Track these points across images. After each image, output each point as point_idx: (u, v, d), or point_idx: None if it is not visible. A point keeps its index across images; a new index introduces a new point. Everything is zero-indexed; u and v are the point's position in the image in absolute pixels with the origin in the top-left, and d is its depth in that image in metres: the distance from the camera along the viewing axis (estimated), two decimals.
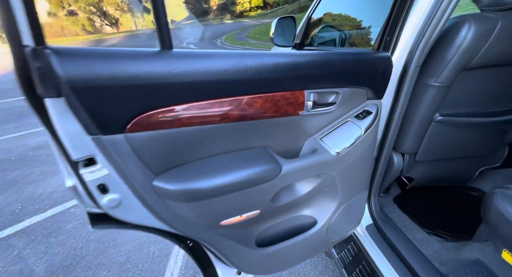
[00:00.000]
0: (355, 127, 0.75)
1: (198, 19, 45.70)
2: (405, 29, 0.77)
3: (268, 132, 0.67)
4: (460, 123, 0.97)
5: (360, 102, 0.77)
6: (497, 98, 0.97)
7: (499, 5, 0.79)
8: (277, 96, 0.61)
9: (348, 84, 0.71)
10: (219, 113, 0.57)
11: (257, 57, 0.56)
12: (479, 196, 1.26)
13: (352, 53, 0.71)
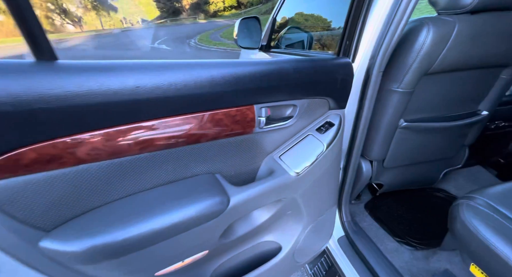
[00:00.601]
0: (316, 142, 0.67)
1: (170, 19, 44.12)
2: (365, 34, 0.73)
3: (215, 155, 0.57)
4: (424, 128, 0.95)
5: (321, 113, 0.70)
6: (457, 102, 0.96)
7: (455, 9, 0.77)
8: (219, 114, 0.51)
9: (306, 95, 0.63)
10: (136, 142, 0.45)
11: (186, 69, 0.45)
12: (444, 197, 1.28)
13: (309, 60, 0.63)
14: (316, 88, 0.63)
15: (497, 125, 1.19)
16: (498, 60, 0.85)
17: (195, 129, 0.49)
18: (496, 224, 0.61)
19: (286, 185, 0.63)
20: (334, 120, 0.70)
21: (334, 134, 0.68)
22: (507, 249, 0.56)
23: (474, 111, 1.02)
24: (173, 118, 0.46)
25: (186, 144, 0.50)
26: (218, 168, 0.59)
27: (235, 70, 0.49)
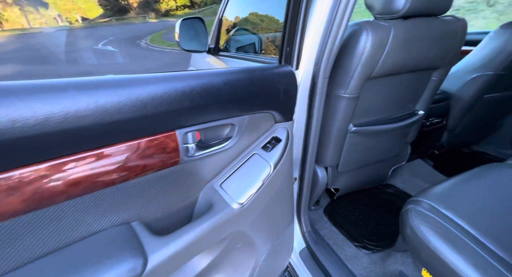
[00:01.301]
0: (262, 163, 0.59)
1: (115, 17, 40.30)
2: (307, 39, 0.68)
3: (135, 198, 0.44)
4: (372, 131, 0.97)
5: (266, 128, 0.63)
6: (398, 104, 1.00)
7: (389, 14, 0.78)
8: (122, 149, 0.39)
9: (245, 111, 0.55)
10: (17, 195, 0.31)
11: (74, 93, 0.32)
12: (394, 192, 1.35)
13: (246, 71, 0.55)
14: (256, 102, 0.56)
15: (431, 122, 1.30)
16: (429, 64, 0.90)
17: (92, 172, 0.36)
18: (443, 230, 0.62)
19: (229, 220, 0.54)
20: (281, 134, 0.64)
21: (281, 151, 0.61)
22: (454, 256, 0.56)
23: (413, 111, 1.08)
24: (59, 161, 0.33)
25: (84, 192, 0.37)
26: (137, 214, 0.46)
27: (141, 90, 0.38)
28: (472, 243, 0.59)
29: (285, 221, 0.81)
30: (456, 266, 0.55)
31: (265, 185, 0.58)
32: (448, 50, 0.89)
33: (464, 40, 0.90)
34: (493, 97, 1.33)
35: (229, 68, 0.54)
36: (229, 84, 0.48)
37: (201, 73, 0.46)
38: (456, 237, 0.60)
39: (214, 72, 0.48)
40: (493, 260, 0.55)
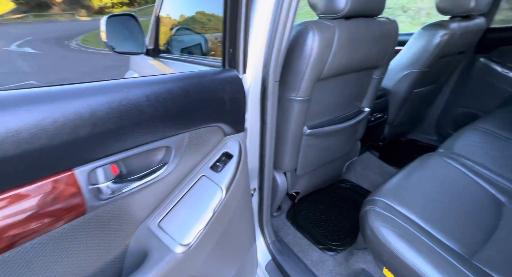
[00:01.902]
0: (212, 187, 0.49)
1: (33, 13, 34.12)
2: (253, 39, 0.61)
3: (32, 263, 0.30)
4: (326, 132, 0.97)
5: (214, 144, 0.54)
6: (346, 103, 1.02)
7: (332, 13, 0.77)
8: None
9: (183, 128, 0.44)
10: None
11: None
12: (349, 187, 1.41)
13: (180, 78, 0.44)
14: (196, 116, 0.46)
15: (375, 117, 1.39)
16: (371, 63, 0.93)
17: None
18: (400, 229, 0.62)
19: (172, 270, 0.42)
20: (233, 149, 0.55)
21: (234, 168, 0.53)
22: (412, 255, 0.57)
23: (359, 109, 1.12)
24: None
25: None
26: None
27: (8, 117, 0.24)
28: (426, 239, 0.60)
29: (246, 242, 0.73)
30: (414, 265, 0.56)
31: (217, 213, 0.49)
32: (385, 50, 0.93)
33: (397, 40, 0.96)
34: (421, 91, 1.49)
35: (156, 76, 0.43)
36: (156, 98, 0.37)
37: (111, 84, 0.34)
38: (412, 235, 0.61)
39: (133, 82, 0.36)
40: (446, 253, 0.58)
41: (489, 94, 1.56)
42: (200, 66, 1.04)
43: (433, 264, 0.54)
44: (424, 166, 0.89)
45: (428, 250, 0.57)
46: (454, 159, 0.93)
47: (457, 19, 1.28)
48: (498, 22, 1.58)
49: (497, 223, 0.70)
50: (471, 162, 0.93)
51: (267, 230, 0.97)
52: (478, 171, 0.88)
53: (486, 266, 0.58)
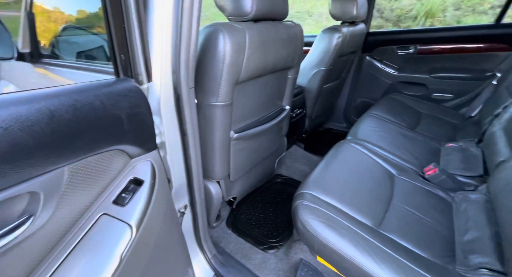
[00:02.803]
0: (116, 227, 0.39)
1: None
2: (153, 42, 0.54)
3: None
4: (253, 134, 0.97)
5: (116, 171, 0.43)
6: (269, 103, 1.06)
7: (241, 16, 0.76)
8: None
9: (59, 162, 0.33)
10: None
11: None
12: (282, 181, 1.48)
13: (46, 96, 0.33)
14: (78, 144, 0.35)
15: (295, 113, 1.50)
16: (284, 64, 0.98)
17: None
18: (326, 218, 0.68)
19: None
20: (143, 172, 0.46)
21: (147, 196, 0.44)
22: (338, 241, 0.63)
23: (281, 107, 1.18)
24: None
25: None
26: None
27: None
28: (345, 221, 0.68)
29: (180, 270, 0.65)
30: (339, 248, 0.62)
31: (127, 257, 0.39)
32: (295, 51, 1.00)
33: (303, 42, 1.05)
34: (329, 86, 1.71)
35: (17, 93, 0.31)
36: (19, 125, 0.26)
37: None
38: (335, 220, 0.68)
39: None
40: (360, 230, 0.66)
41: (376, 86, 1.94)
42: (100, 75, 0.87)
43: (351, 243, 0.61)
44: (338, 154, 1.01)
45: (347, 231, 0.64)
46: (358, 143, 1.10)
47: (346, 24, 1.51)
48: (374, 27, 1.97)
49: (392, 192, 0.86)
50: (369, 144, 1.11)
51: (206, 246, 0.90)
52: (375, 151, 1.07)
53: (388, 232, 0.70)
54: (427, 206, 0.81)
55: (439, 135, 1.29)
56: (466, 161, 1.02)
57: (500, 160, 0.83)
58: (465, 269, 0.60)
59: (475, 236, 0.69)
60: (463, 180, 0.93)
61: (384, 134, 1.19)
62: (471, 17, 5.43)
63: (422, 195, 0.87)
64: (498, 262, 0.58)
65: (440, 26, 4.54)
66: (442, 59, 1.68)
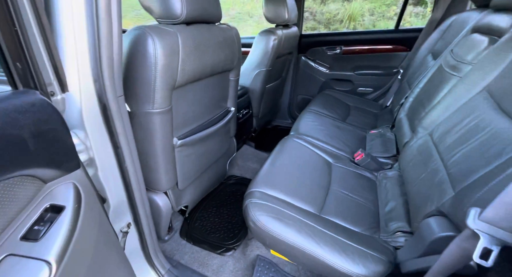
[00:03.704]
0: (27, 267, 0.34)
1: None
2: (67, 48, 0.48)
3: None
4: (199, 139, 0.95)
5: (24, 202, 0.37)
6: (212, 105, 1.05)
7: (171, 19, 0.73)
8: None
9: None
10: None
11: None
12: (235, 182, 1.50)
13: None
14: None
15: (242, 114, 1.54)
16: (224, 66, 0.99)
17: None
18: (274, 212, 0.72)
19: None
20: (63, 197, 0.41)
21: (71, 223, 0.39)
22: (286, 232, 0.68)
23: (226, 109, 1.19)
24: None
25: None
26: None
27: None
28: (291, 212, 0.74)
29: None
30: (287, 238, 0.67)
31: None
32: (233, 54, 1.02)
33: (241, 44, 1.08)
34: (271, 86, 1.80)
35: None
36: None
37: None
38: (282, 213, 0.73)
39: None
40: (304, 218, 0.73)
41: (313, 83, 2.13)
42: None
43: (297, 232, 0.67)
44: (282, 150, 1.09)
45: (293, 221, 0.70)
46: (299, 138, 1.20)
47: (280, 27, 1.61)
48: (309, 29, 2.15)
49: (330, 179, 0.98)
50: (309, 137, 1.22)
51: (158, 262, 0.85)
52: (314, 143, 1.18)
53: (329, 215, 0.79)
54: (358, 187, 0.95)
55: (365, 124, 1.51)
56: (384, 144, 1.22)
57: (405, 141, 1.03)
58: (386, 235, 0.73)
59: (392, 205, 0.84)
60: (383, 160, 1.12)
61: (321, 128, 1.32)
62: (382, 22, 6.45)
63: (354, 177, 1.01)
64: (408, 224, 0.72)
65: (358, 30, 5.23)
66: (362, 58, 1.96)
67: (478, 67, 0.78)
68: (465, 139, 0.65)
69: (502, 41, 0.74)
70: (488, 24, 0.91)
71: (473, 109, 0.71)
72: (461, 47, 0.99)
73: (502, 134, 0.55)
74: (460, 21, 1.25)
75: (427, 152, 0.80)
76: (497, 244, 0.40)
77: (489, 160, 0.53)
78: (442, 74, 1.00)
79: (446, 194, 0.59)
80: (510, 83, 0.64)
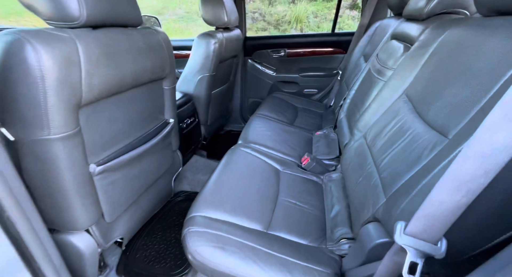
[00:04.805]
0: None
1: None
2: None
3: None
4: (128, 159, 0.82)
5: None
6: (145, 119, 0.93)
7: (66, 21, 0.60)
8: None
9: None
10: None
11: None
12: (185, 198, 1.38)
13: None
14: None
15: (187, 123, 1.42)
16: (152, 75, 0.87)
17: None
18: (215, 240, 0.65)
19: None
20: None
21: None
22: (229, 262, 0.61)
23: (164, 121, 1.07)
24: None
25: None
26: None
27: None
28: (235, 236, 0.68)
29: None
30: (230, 269, 0.61)
31: None
32: (163, 61, 0.91)
33: (171, 49, 0.97)
34: (218, 91, 1.72)
35: None
36: None
37: None
38: (224, 239, 0.66)
39: None
40: (250, 240, 0.67)
41: (262, 86, 2.12)
42: None
43: (240, 259, 0.62)
44: (229, 162, 1.02)
45: (236, 247, 0.64)
46: (247, 146, 1.15)
47: (221, 30, 1.54)
48: (260, 29, 2.13)
49: (278, 188, 0.95)
50: (257, 145, 1.19)
51: None
52: (262, 151, 1.15)
53: (276, 230, 0.76)
54: (305, 193, 0.94)
55: (311, 125, 1.54)
56: (328, 145, 1.26)
57: (345, 142, 1.07)
58: (332, 244, 0.73)
59: (337, 210, 0.85)
60: (327, 162, 1.15)
61: (269, 133, 1.30)
62: (325, 24, 6.94)
63: (301, 183, 1.00)
64: (350, 230, 0.73)
65: (300, 33, 5.49)
66: (306, 61, 2.03)
67: (397, 72, 0.84)
68: (392, 142, 0.69)
69: (413, 48, 0.81)
70: (402, 32, 1.00)
71: (396, 112, 0.75)
72: (384, 53, 1.07)
73: (419, 139, 0.59)
74: (383, 27, 1.37)
75: (363, 154, 0.83)
76: (421, 256, 0.40)
77: (411, 165, 0.56)
78: (371, 78, 1.07)
79: (379, 200, 0.60)
80: (422, 88, 0.69)
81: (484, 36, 0.52)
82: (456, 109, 0.50)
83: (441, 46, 0.68)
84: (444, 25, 0.72)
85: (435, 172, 0.47)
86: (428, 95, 0.64)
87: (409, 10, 0.98)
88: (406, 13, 1.01)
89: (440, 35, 0.70)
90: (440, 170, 0.46)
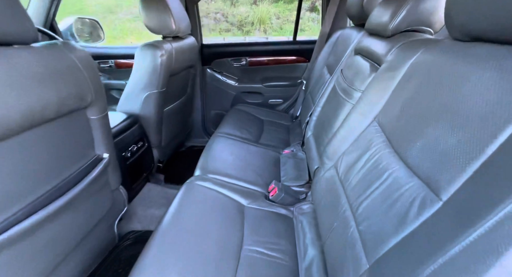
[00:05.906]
0: None
1: None
2: None
3: None
4: (29, 227, 0.59)
5: None
6: (67, 159, 0.71)
7: None
8: None
9: None
10: None
11: None
12: (136, 239, 1.16)
13: None
14: None
15: (131, 151, 1.19)
16: (62, 108, 0.65)
17: None
18: None
19: None
20: None
21: None
22: None
23: (96, 157, 0.84)
24: None
25: None
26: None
27: None
28: None
29: None
30: None
31: None
32: (79, 86, 0.69)
33: (95, 70, 0.75)
34: (173, 107, 1.51)
35: None
36: None
37: None
38: None
39: None
40: None
41: (224, 97, 1.95)
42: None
43: None
44: (183, 203, 0.85)
45: None
46: (207, 179, 0.98)
47: (169, 39, 1.34)
48: (223, 30, 1.96)
49: (243, 231, 0.80)
50: (217, 175, 1.02)
51: None
52: (223, 182, 0.99)
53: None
54: (274, 236, 0.81)
55: (278, 141, 1.43)
56: (297, 166, 1.15)
57: (315, 167, 0.97)
58: None
59: (311, 255, 0.74)
60: (297, 189, 1.04)
61: (231, 158, 1.15)
62: (288, 25, 6.99)
63: (269, 221, 0.87)
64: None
65: (260, 40, 5.44)
66: (269, 70, 1.91)
67: (365, 95, 0.75)
68: (368, 183, 0.59)
69: (381, 70, 0.73)
70: (367, 47, 0.93)
71: (368, 143, 0.66)
72: (349, 69, 0.99)
73: (401, 186, 0.49)
74: (344, 37, 1.31)
75: (335, 190, 0.72)
76: None
77: (396, 225, 0.45)
78: (337, 98, 0.98)
79: (361, 265, 0.49)
80: (396, 118, 0.60)
81: (471, 67, 0.43)
82: (444, 160, 0.41)
83: (412, 71, 0.60)
84: (413, 46, 0.65)
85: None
86: (404, 130, 0.55)
87: (372, 24, 0.91)
88: (369, 27, 0.94)
89: (410, 57, 0.62)
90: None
